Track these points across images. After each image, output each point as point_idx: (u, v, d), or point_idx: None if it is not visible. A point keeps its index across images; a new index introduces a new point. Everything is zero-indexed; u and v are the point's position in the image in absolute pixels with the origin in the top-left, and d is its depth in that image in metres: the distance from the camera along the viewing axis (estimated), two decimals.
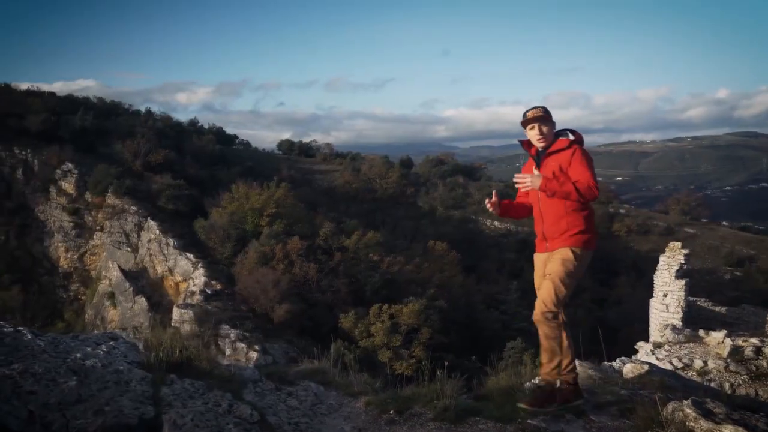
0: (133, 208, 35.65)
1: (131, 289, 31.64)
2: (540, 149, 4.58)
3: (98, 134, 43.92)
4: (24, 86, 52.44)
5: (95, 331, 4.91)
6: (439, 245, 37.97)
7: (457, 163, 73.26)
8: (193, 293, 27.72)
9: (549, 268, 4.42)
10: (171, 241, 32.38)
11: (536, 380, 4.80)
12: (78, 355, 3.93)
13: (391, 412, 4.23)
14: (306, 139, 77.22)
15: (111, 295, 32.79)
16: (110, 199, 36.74)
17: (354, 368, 5.41)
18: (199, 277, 28.74)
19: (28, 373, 3.54)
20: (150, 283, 32.64)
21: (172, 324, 25.58)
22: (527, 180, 4.35)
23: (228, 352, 24.07)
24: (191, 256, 31.04)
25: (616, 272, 43.81)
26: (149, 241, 33.59)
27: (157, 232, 33.32)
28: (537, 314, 4.34)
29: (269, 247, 29.49)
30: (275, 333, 25.93)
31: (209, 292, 27.25)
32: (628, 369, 6.15)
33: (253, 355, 23.44)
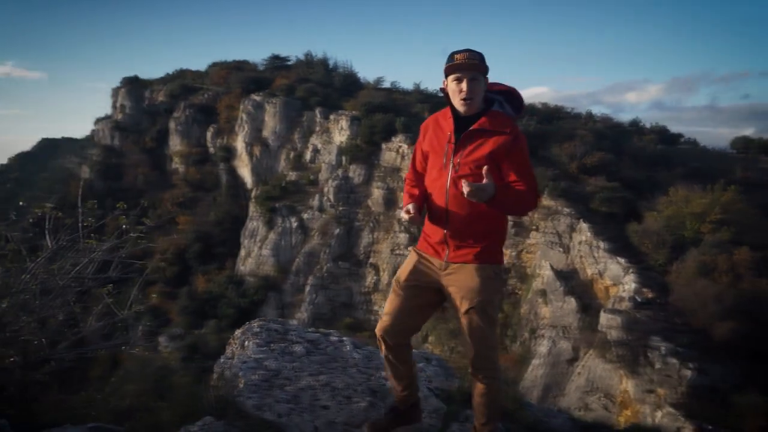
0: (566, 209, 36.26)
1: (562, 288, 32.28)
2: (461, 115, 2.89)
3: (539, 138, 46.24)
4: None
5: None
6: None
7: None
8: (622, 299, 26.72)
9: (470, 295, 2.85)
10: (602, 244, 31.89)
11: None
12: (383, 373, 3.77)
13: None
14: None
15: (543, 293, 34.02)
16: (546, 200, 38.21)
17: None
18: (630, 282, 27.54)
19: (329, 387, 3.52)
20: (580, 285, 32.73)
21: (599, 328, 25.18)
22: (472, 189, 2.74)
23: (657, 366, 22.62)
24: (622, 260, 29.99)
25: None
26: (580, 242, 33.72)
27: (589, 234, 33.20)
28: (487, 371, 3.09)
29: (711, 257, 26.48)
30: (715, 353, 23.07)
31: (639, 299, 25.86)
32: None
33: (687, 373, 21.56)
